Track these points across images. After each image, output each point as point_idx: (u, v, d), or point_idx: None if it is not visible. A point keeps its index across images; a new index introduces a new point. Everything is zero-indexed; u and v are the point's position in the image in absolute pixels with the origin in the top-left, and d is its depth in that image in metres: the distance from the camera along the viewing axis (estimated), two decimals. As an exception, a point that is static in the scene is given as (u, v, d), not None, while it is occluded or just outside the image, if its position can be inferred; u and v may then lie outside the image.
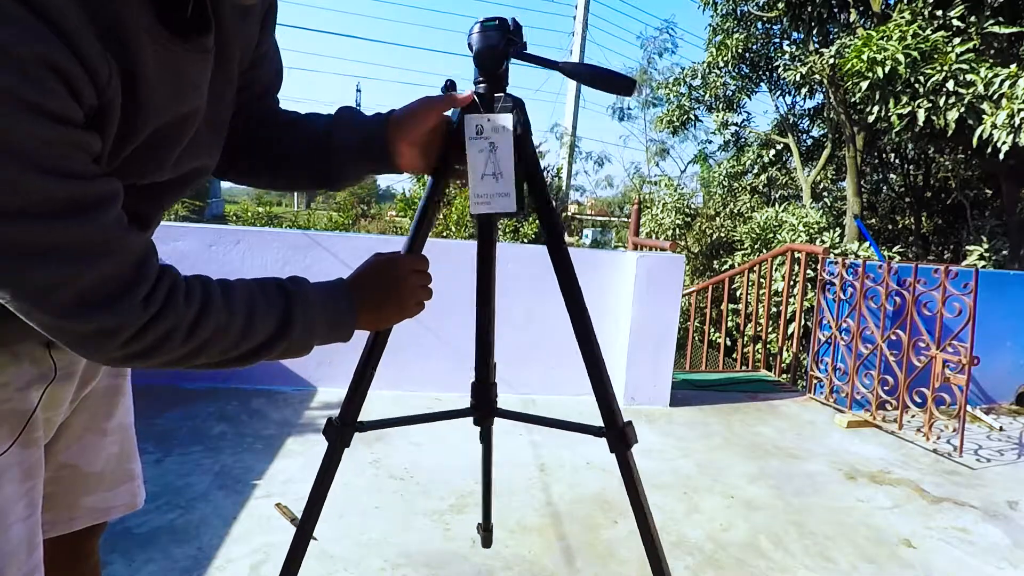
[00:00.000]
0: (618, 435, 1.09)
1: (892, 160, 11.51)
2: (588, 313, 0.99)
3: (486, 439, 1.29)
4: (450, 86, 0.94)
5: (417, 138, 0.92)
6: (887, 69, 5.78)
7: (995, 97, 5.38)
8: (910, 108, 5.87)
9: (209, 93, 0.74)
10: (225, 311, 0.70)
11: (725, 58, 10.26)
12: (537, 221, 10.34)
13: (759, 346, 5.12)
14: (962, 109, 5.56)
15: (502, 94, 0.93)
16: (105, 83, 0.57)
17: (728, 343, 7.33)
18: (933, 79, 5.63)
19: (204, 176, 0.82)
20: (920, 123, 5.85)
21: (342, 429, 1.04)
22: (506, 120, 0.91)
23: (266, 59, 0.89)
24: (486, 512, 1.38)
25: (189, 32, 0.66)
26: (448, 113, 0.95)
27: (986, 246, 7.13)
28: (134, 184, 0.69)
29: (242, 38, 0.79)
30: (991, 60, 5.81)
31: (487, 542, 1.39)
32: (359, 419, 1.06)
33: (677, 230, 11.13)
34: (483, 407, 1.18)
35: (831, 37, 8.62)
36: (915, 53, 5.70)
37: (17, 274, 0.56)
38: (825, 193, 12.28)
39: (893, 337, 3.61)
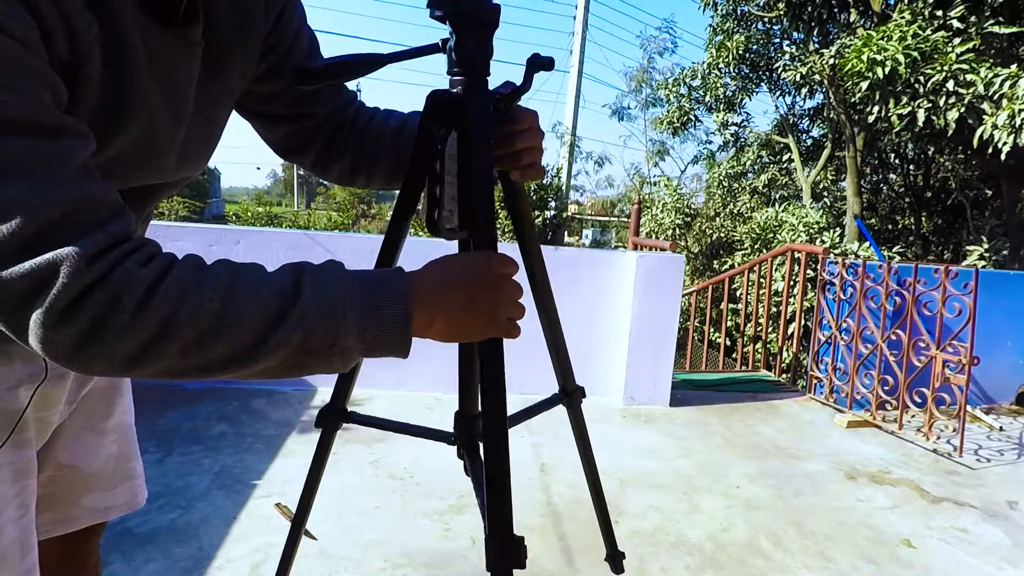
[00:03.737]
0: (572, 397, 1.15)
1: (892, 160, 11.51)
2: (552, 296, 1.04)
3: (471, 469, 1.12)
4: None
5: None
6: (887, 69, 5.78)
7: (995, 97, 5.38)
8: (910, 108, 5.87)
9: (200, 99, 0.73)
10: (194, 279, 0.54)
11: (725, 59, 10.27)
12: (536, 220, 10.32)
13: (759, 346, 5.12)
14: (962, 109, 5.56)
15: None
16: (80, 37, 0.55)
17: (728, 343, 7.33)
18: (933, 79, 5.63)
19: (188, 181, 0.82)
20: (920, 123, 5.85)
21: (330, 417, 1.05)
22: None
23: (294, 56, 0.85)
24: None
25: (175, 20, 0.65)
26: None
27: (986, 246, 7.13)
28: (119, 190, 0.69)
29: (243, 44, 0.77)
30: (991, 60, 5.81)
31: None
32: (350, 410, 1.08)
33: (677, 230, 11.13)
34: (465, 440, 1.07)
35: (831, 37, 8.63)
36: (915, 53, 5.70)
37: None
38: (825, 193, 12.29)
39: (893, 337, 3.61)
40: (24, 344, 0.51)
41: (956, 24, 6.10)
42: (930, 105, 5.76)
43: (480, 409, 0.98)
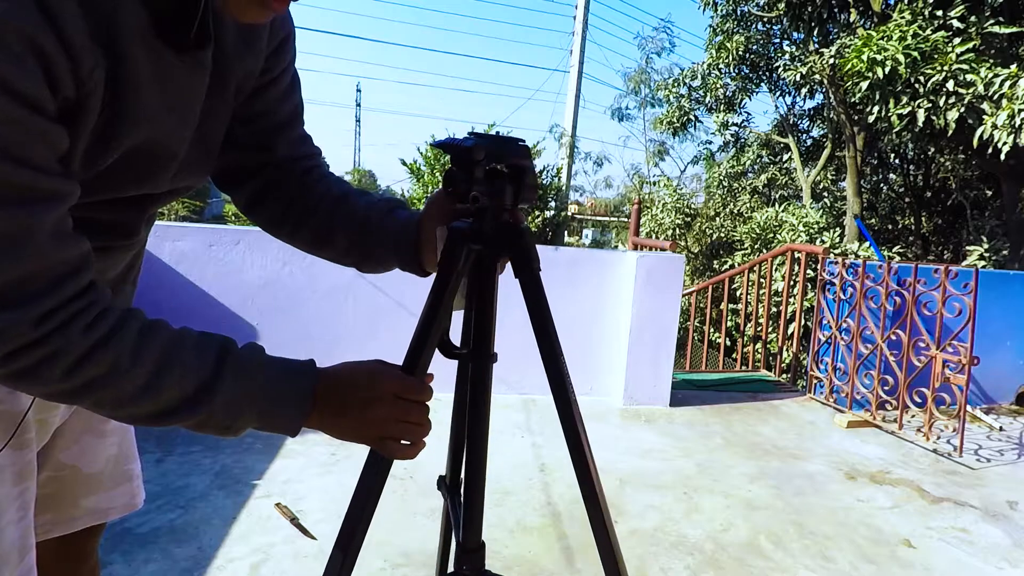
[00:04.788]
0: None
1: (892, 160, 11.52)
2: (591, 457, 0.83)
3: None
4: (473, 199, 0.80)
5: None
6: (887, 69, 5.78)
7: (995, 97, 5.38)
8: (910, 108, 5.87)
9: (205, 114, 0.74)
10: (129, 353, 0.59)
11: (725, 59, 10.27)
12: (536, 220, 10.32)
13: (759, 346, 5.12)
14: (962, 109, 5.56)
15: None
16: (87, 75, 0.56)
17: (728, 343, 7.33)
18: (933, 79, 5.64)
19: (190, 191, 0.82)
20: (920, 123, 5.86)
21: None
22: None
23: (277, 87, 0.86)
24: None
25: (187, 45, 0.65)
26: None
27: (986, 246, 7.14)
28: (119, 196, 0.69)
29: (243, 64, 0.77)
30: (991, 60, 5.81)
31: None
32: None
33: (677, 230, 11.13)
34: None
35: (831, 37, 8.63)
36: (915, 53, 5.71)
37: None
38: (825, 193, 12.29)
39: (893, 337, 3.61)
40: None
41: (956, 24, 6.10)
42: (930, 105, 5.76)
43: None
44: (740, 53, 10.13)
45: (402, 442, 0.75)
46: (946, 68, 5.60)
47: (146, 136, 0.65)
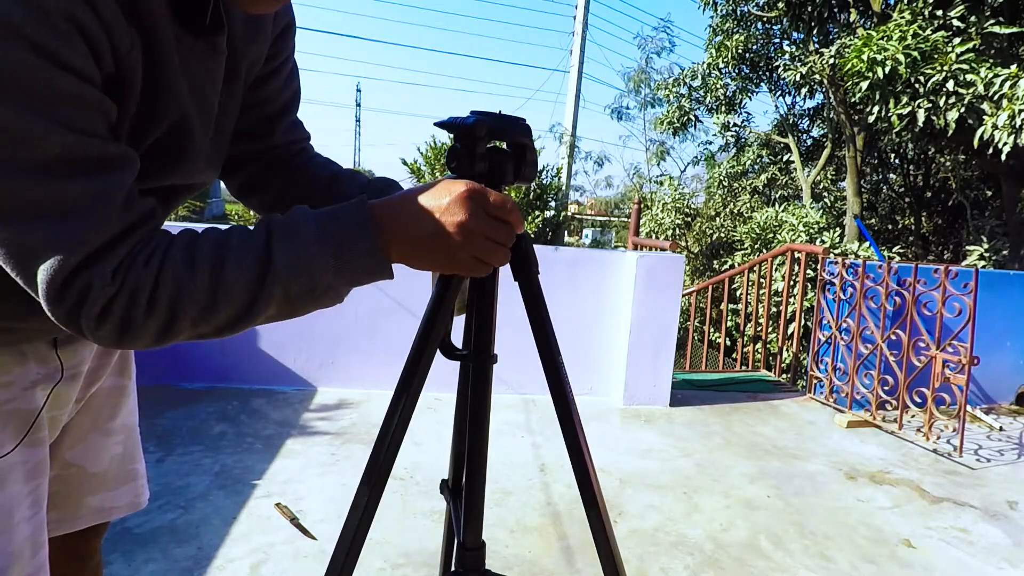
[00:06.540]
0: None
1: (892, 160, 11.52)
2: (591, 463, 0.80)
3: None
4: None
5: None
6: (887, 69, 5.78)
7: (995, 97, 5.38)
8: (910, 108, 5.87)
9: (222, 103, 0.75)
10: (184, 258, 0.60)
11: (725, 59, 10.27)
12: (537, 220, 10.32)
13: (759, 346, 5.12)
14: (962, 109, 5.56)
15: None
16: (125, 52, 0.58)
17: (728, 343, 7.33)
18: (933, 79, 5.63)
19: (204, 187, 0.83)
20: (920, 123, 5.85)
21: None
22: None
23: (280, 75, 0.88)
24: None
25: (203, 28, 0.67)
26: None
27: (986, 246, 7.14)
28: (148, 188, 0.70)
29: (251, 51, 0.79)
30: (991, 60, 5.81)
31: None
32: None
33: (677, 230, 11.13)
34: None
35: (831, 37, 8.63)
36: (915, 53, 5.70)
37: (29, 233, 0.53)
38: (825, 193, 12.29)
39: (893, 337, 3.61)
40: (84, 339, 0.61)
41: (956, 24, 6.10)
42: (930, 105, 5.76)
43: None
44: (740, 53, 10.13)
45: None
46: (946, 68, 5.59)
47: (177, 118, 0.67)
